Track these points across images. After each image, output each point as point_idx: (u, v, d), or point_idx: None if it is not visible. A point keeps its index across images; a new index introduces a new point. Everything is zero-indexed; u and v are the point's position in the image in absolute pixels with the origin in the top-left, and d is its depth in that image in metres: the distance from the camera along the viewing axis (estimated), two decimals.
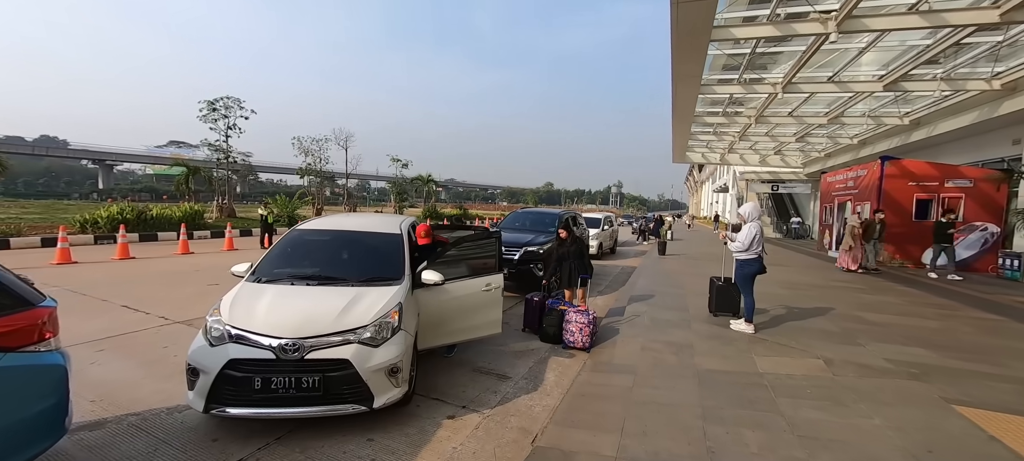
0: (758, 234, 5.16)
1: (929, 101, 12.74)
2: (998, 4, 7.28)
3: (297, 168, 30.65)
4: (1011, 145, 11.41)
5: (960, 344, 4.90)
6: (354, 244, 4.41)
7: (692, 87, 11.88)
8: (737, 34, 9.08)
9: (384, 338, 3.23)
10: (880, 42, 9.74)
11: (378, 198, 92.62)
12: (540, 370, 4.55)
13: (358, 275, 3.86)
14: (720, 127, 19.11)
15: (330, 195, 70.36)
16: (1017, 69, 9.76)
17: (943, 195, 12.17)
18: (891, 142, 15.53)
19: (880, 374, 3.96)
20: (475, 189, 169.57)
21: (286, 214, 23.98)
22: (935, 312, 6.52)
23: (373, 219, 5.18)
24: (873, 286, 8.89)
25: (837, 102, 14.19)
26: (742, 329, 5.25)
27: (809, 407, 3.37)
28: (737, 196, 32.79)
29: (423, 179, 41.13)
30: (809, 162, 24.20)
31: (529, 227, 10.00)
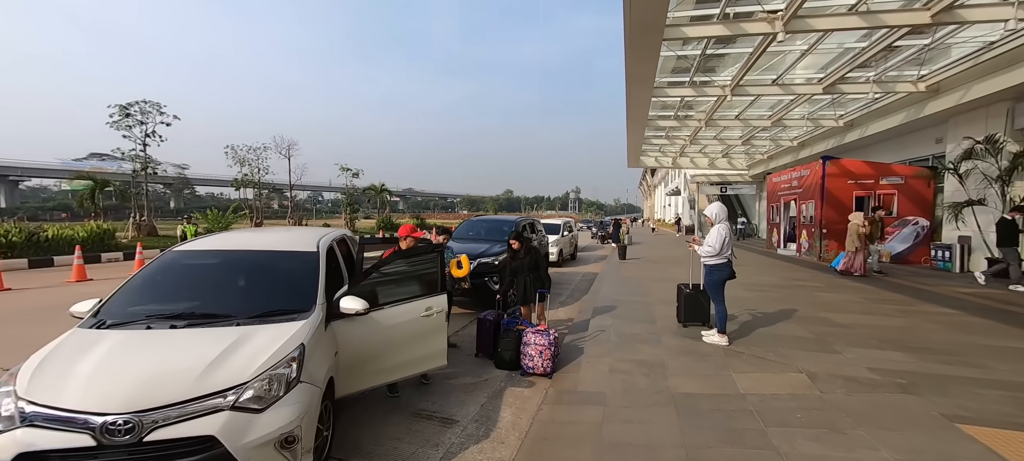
0: (727, 236, 4.75)
1: (862, 103, 13.42)
2: (929, 6, 7.54)
3: (231, 179, 27.99)
4: (935, 143, 12.18)
5: (932, 344, 4.72)
6: (252, 268, 3.47)
7: (645, 89, 11.75)
8: (688, 33, 8.92)
9: (274, 397, 2.37)
10: (819, 45, 9.99)
11: (331, 210, 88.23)
12: (494, 407, 3.82)
13: (249, 309, 2.95)
14: (672, 131, 19.42)
15: (277, 207, 66.01)
16: (940, 71, 10.35)
17: (878, 192, 12.83)
18: (827, 143, 16.34)
19: (869, 388, 3.59)
20: (434, 198, 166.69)
21: (220, 230, 21.78)
22: (895, 309, 6.48)
23: (284, 235, 4.24)
24: (829, 284, 8.96)
25: (779, 105, 14.69)
26: (715, 341, 4.81)
27: (805, 438, 2.88)
28: (689, 198, 33.92)
29: (376, 189, 39.28)
30: (753, 164, 25.32)
31: (484, 236, 9.28)
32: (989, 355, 4.34)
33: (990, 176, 9.67)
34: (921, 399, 3.35)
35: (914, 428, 2.93)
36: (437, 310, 3.74)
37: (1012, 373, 3.85)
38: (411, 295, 3.67)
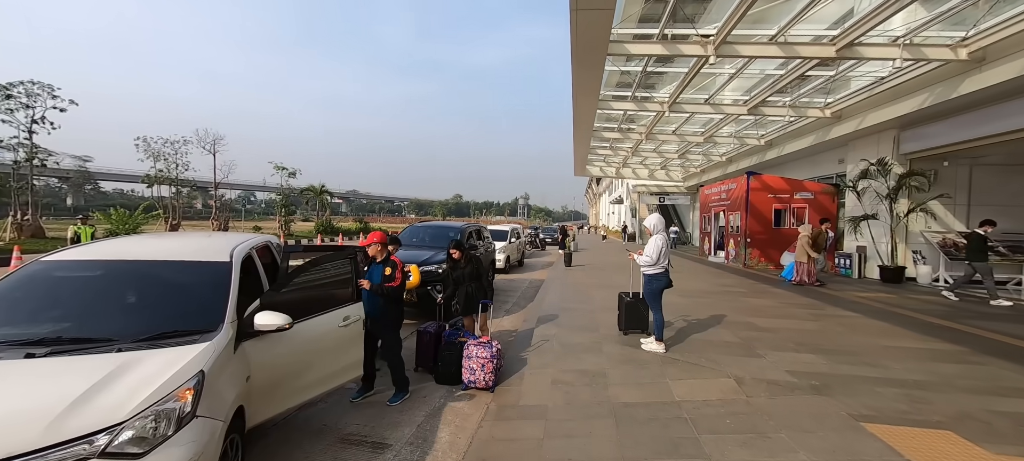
0: (665, 246, 4.92)
1: (779, 125, 14.83)
2: (834, 41, 8.46)
3: (142, 176, 24.82)
4: (837, 163, 13.73)
5: (839, 346, 5.19)
6: (146, 281, 2.98)
7: (591, 100, 12.10)
8: (631, 50, 9.31)
9: (161, 437, 2.01)
10: (745, 70, 10.88)
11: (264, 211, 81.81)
12: (431, 427, 3.61)
13: (137, 331, 2.51)
14: (615, 142, 20.25)
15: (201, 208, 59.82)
16: (842, 100, 11.69)
17: (793, 205, 14.21)
18: (751, 160, 17.88)
19: (788, 391, 3.83)
20: (380, 201, 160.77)
21: (125, 232, 19.23)
22: (807, 313, 7.11)
23: (194, 241, 3.74)
24: (752, 289, 9.69)
25: (710, 123, 15.83)
26: (653, 349, 4.94)
27: (734, 444, 2.98)
28: (630, 207, 35.56)
29: (315, 190, 37.02)
30: (688, 176, 27.10)
31: (428, 243, 8.97)
32: (886, 355, 4.85)
33: (881, 194, 11.04)
34: (832, 400, 3.63)
35: (826, 429, 3.15)
36: (354, 319, 3.59)
37: (905, 372, 4.31)
38: (329, 305, 3.43)
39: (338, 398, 4.12)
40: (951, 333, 5.85)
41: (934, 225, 11.23)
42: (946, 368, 4.45)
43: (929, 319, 6.70)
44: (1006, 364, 4.57)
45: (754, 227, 14.14)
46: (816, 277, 10.37)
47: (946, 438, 3.01)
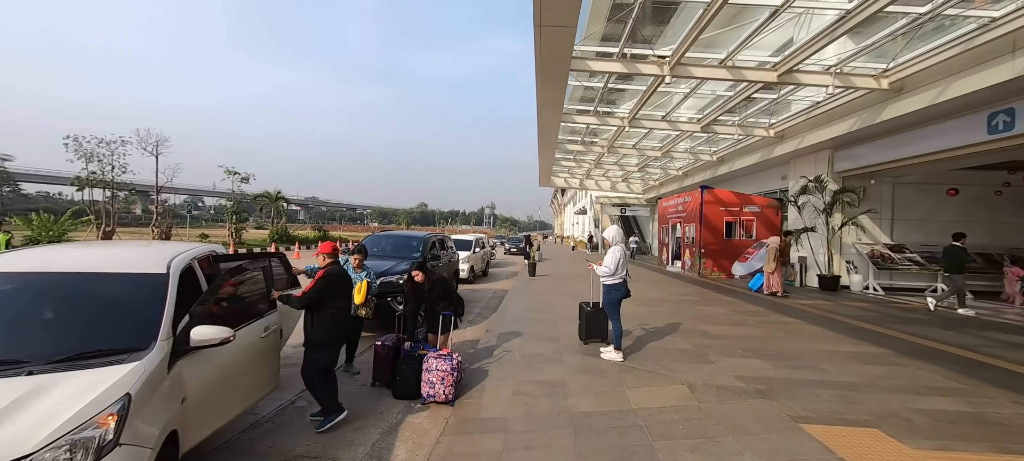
0: (622, 257, 5.07)
1: (729, 142, 15.77)
2: (776, 67, 9.15)
3: (73, 177, 22.59)
4: (781, 180, 14.75)
5: (782, 351, 5.53)
6: (67, 295, 2.72)
7: (555, 113, 12.38)
8: (592, 66, 9.63)
9: None
10: (698, 90, 11.53)
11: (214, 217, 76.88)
12: (387, 445, 3.49)
13: (54, 351, 2.28)
14: (579, 154, 20.79)
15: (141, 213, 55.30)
16: (784, 121, 12.62)
17: (743, 218, 15.10)
18: (705, 174, 18.86)
19: (736, 395, 4.02)
20: (341, 208, 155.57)
21: (49, 240, 17.41)
22: (754, 320, 7.53)
23: (124, 252, 3.45)
24: (705, 298, 10.15)
25: (668, 138, 16.60)
26: (612, 358, 5.05)
27: (685, 449, 3.09)
28: (594, 218, 36.44)
29: (270, 196, 35.25)
30: (648, 189, 28.18)
31: (389, 252, 8.75)
32: (823, 359, 5.21)
33: (818, 208, 11.96)
34: (775, 403, 3.85)
35: (770, 431, 3.33)
36: (273, 329, 3.64)
37: (840, 374, 4.65)
38: (251, 316, 3.43)
39: (288, 418, 3.91)
40: (878, 337, 6.39)
41: (864, 237, 12.29)
42: (873, 369, 4.84)
43: (860, 324, 7.29)
44: (924, 365, 5.04)
45: (707, 238, 14.88)
46: (782, 287, 10.52)
47: (873, 435, 3.27)
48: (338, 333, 3.88)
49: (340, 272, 3.97)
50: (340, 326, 3.89)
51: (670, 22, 10.69)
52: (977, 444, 3.15)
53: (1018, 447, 3.13)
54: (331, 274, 3.87)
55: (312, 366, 3.70)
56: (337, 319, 3.83)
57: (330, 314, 3.78)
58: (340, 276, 3.94)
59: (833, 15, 7.41)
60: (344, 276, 4.04)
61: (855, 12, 6.99)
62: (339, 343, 3.99)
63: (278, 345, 3.77)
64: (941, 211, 12.62)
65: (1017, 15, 6.47)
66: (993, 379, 4.57)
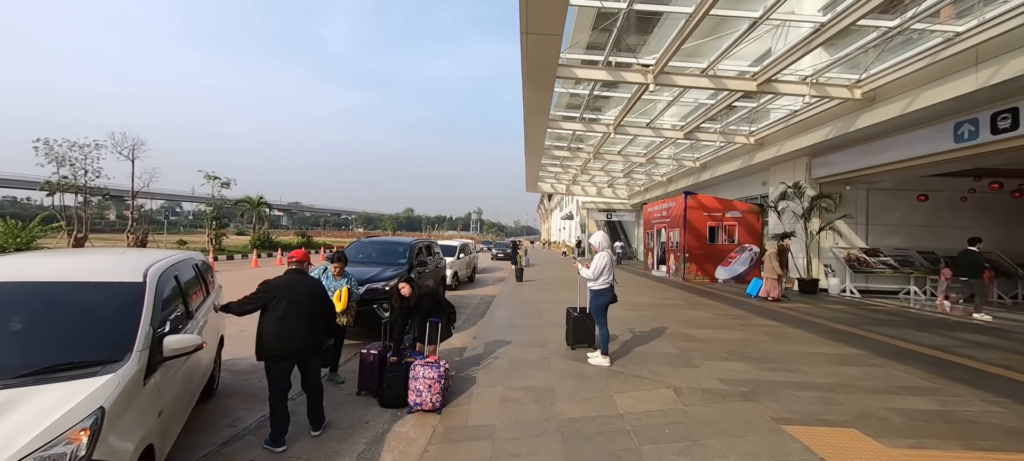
0: (608, 263, 5.12)
1: (711, 149, 16.11)
2: (755, 77, 9.42)
3: (42, 182, 21.69)
4: (761, 186, 15.13)
5: (764, 354, 5.64)
6: (36, 306, 2.62)
7: (541, 119, 12.47)
8: (578, 74, 9.76)
9: None
10: (681, 98, 11.78)
11: (193, 223, 74.76)
12: (373, 454, 3.44)
13: (23, 364, 2.19)
14: (565, 160, 20.95)
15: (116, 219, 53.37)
16: (763, 129, 12.97)
17: (725, 223, 15.41)
18: (689, 180, 19.21)
19: (720, 398, 4.09)
20: (326, 214, 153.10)
21: (16, 248, 16.67)
22: (737, 323, 7.68)
23: (98, 259, 3.35)
24: (690, 302, 10.30)
25: (652, 145, 16.88)
26: (599, 363, 5.08)
27: (672, 453, 3.13)
28: (580, 223, 36.70)
29: (251, 201, 34.51)
30: (633, 194, 28.55)
31: (375, 259, 8.66)
32: (802, 360, 5.34)
33: (797, 214, 12.30)
34: (758, 405, 3.92)
35: (753, 433, 3.39)
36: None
37: (819, 376, 4.77)
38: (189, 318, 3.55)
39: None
40: (855, 338, 6.58)
41: (841, 242, 12.66)
42: (851, 371, 4.98)
43: (838, 326, 7.49)
44: (899, 365, 5.21)
45: (691, 243, 15.14)
46: (780, 293, 10.23)
47: (851, 435, 3.36)
48: (264, 350, 3.43)
49: (283, 281, 3.60)
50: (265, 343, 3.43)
51: (653, 32, 10.93)
52: (950, 442, 3.27)
53: (987, 443, 3.26)
54: (269, 281, 3.59)
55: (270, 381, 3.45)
56: (263, 337, 3.44)
57: (262, 324, 3.48)
58: (280, 285, 3.56)
59: (809, 27, 7.68)
60: (288, 284, 3.60)
61: (829, 25, 7.26)
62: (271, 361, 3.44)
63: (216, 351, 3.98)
64: (913, 216, 13.11)
65: (980, 30, 6.81)
66: (963, 378, 4.75)
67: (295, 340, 3.47)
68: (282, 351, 3.44)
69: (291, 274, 3.71)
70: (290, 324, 3.45)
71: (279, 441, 3.41)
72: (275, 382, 3.42)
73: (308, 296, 3.61)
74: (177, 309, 3.28)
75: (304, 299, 3.57)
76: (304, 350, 3.54)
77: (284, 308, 3.46)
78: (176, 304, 3.30)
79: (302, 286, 3.63)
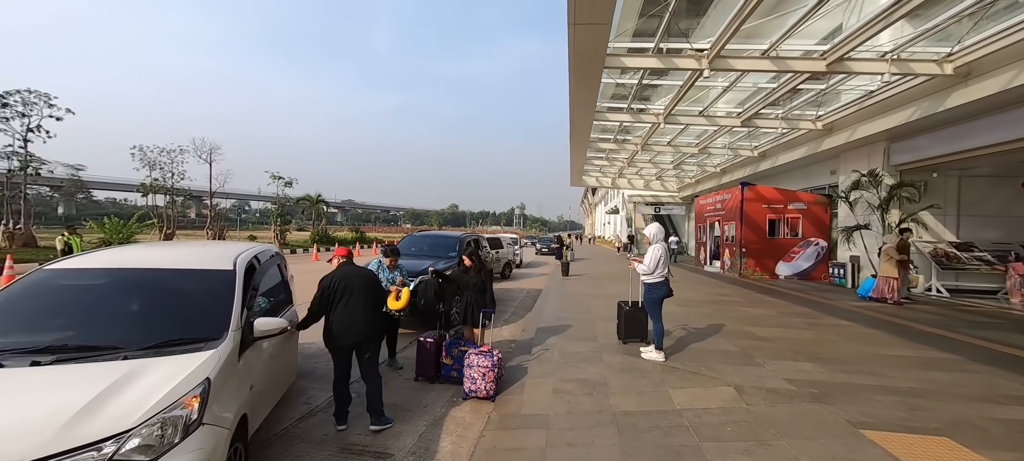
0: (663, 255, 4.98)
1: (772, 137, 15.08)
2: (825, 56, 8.68)
3: (138, 184, 24.68)
4: (830, 175, 13.95)
5: (837, 355, 5.25)
6: (150, 289, 2.99)
7: (587, 112, 12.27)
8: (626, 63, 9.49)
9: (168, 445, 2.01)
10: (738, 83, 11.10)
11: (259, 221, 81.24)
12: (433, 436, 3.59)
13: (143, 339, 2.52)
14: (611, 153, 20.48)
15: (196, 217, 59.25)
16: (833, 113, 11.94)
17: (787, 216, 14.39)
18: (745, 171, 18.11)
19: (787, 399, 3.87)
20: (376, 211, 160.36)
21: (119, 242, 19.02)
22: (803, 322, 7.18)
23: (194, 250, 3.75)
24: (748, 299, 9.76)
25: (705, 134, 16.08)
26: (653, 358, 4.97)
27: (736, 452, 3.01)
28: (626, 217, 35.77)
29: (311, 199, 36.86)
30: (683, 187, 27.38)
31: (427, 252, 8.97)
32: (882, 363, 4.91)
33: (873, 204, 11.22)
34: (831, 407, 3.67)
35: (827, 436, 3.18)
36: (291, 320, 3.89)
37: (902, 380, 4.37)
38: (278, 309, 3.80)
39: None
40: (945, 342, 5.93)
41: (925, 235, 11.40)
42: (941, 376, 4.51)
43: (923, 328, 6.79)
44: (1000, 372, 4.64)
45: (749, 237, 14.28)
46: (900, 294, 8.93)
47: (944, 444, 3.06)
48: (331, 339, 3.64)
49: (338, 275, 3.75)
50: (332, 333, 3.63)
51: (708, 13, 10.34)
52: None
53: None
54: (323, 283, 3.71)
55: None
56: (329, 327, 3.65)
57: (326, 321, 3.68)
58: (337, 279, 3.72)
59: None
60: (343, 277, 3.76)
61: None
62: (340, 347, 3.66)
63: (296, 336, 4.23)
64: (1015, 206, 11.54)
65: None
66: None
67: (356, 327, 3.67)
68: (343, 339, 3.65)
69: (344, 267, 3.91)
70: (351, 313, 3.67)
71: (342, 420, 3.68)
72: (337, 367, 3.69)
73: (364, 285, 3.78)
74: (261, 294, 3.61)
75: (360, 288, 3.74)
76: (365, 337, 3.72)
77: (344, 299, 3.69)
78: (260, 290, 3.62)
79: (357, 277, 3.82)
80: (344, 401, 3.68)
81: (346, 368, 3.70)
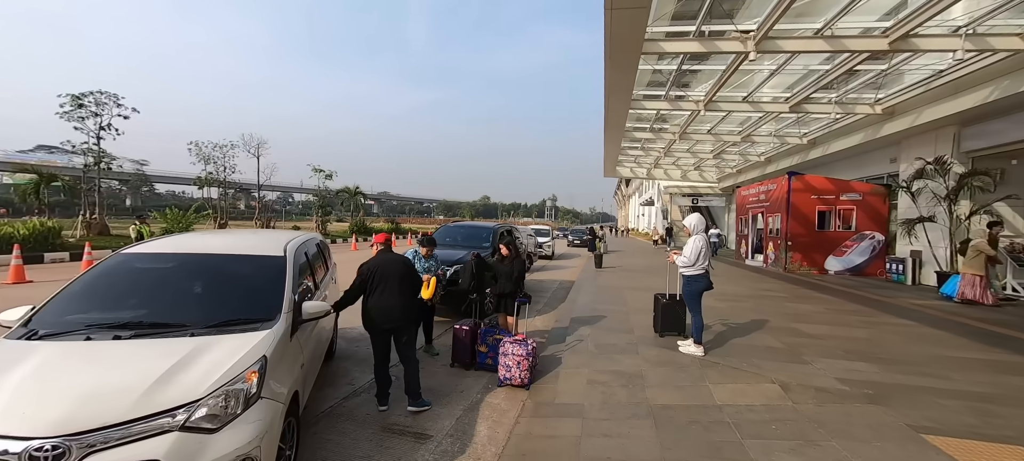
0: (704, 247, 4.81)
1: (823, 123, 14.11)
2: (887, 34, 8.00)
3: (194, 178, 26.56)
4: (889, 163, 12.92)
5: (893, 355, 4.91)
6: (211, 273, 3.22)
7: (623, 101, 11.95)
8: (665, 48, 9.14)
9: (231, 415, 2.17)
10: (786, 66, 10.43)
11: (301, 212, 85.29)
12: (470, 421, 3.68)
13: (206, 318, 2.72)
14: (647, 142, 19.88)
15: (245, 208, 63.08)
16: (895, 95, 11.01)
17: (839, 207, 13.49)
18: (792, 159, 17.09)
19: (839, 399, 3.66)
20: (410, 202, 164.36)
21: (179, 231, 20.57)
22: (857, 320, 6.75)
23: (249, 238, 4.00)
24: (794, 294, 9.27)
25: (748, 122, 15.27)
26: (692, 352, 4.84)
27: (781, 451, 2.89)
28: (662, 209, 34.75)
29: (350, 191, 38.26)
30: (723, 177, 26.21)
31: (461, 242, 9.12)
32: (948, 366, 4.54)
33: (939, 195, 10.31)
34: (889, 410, 3.44)
35: (884, 440, 2.99)
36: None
37: (970, 384, 4.03)
38: (315, 292, 3.96)
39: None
40: (1020, 344, 5.40)
41: (1002, 229, 10.36)
42: (1017, 381, 4.12)
43: (994, 329, 6.21)
44: None
45: (796, 229, 13.52)
46: (989, 295, 8.06)
47: (1019, 455, 2.80)
48: (370, 323, 3.77)
49: (376, 262, 3.88)
50: (371, 318, 3.76)
51: None
52: None
53: None
54: (362, 269, 3.85)
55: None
56: (368, 312, 3.77)
57: (365, 300, 3.81)
58: (375, 266, 3.85)
59: None
60: (381, 264, 3.88)
61: None
62: (378, 332, 3.80)
63: (335, 320, 4.58)
64: None
65: None
66: None
67: (393, 312, 3.79)
68: (382, 323, 3.78)
69: (382, 254, 4.04)
70: (388, 299, 3.79)
71: (383, 400, 3.83)
72: (377, 350, 3.83)
73: (400, 272, 3.90)
74: (307, 280, 3.81)
75: (396, 275, 3.86)
76: (401, 321, 3.83)
77: (381, 285, 3.81)
78: (307, 275, 3.82)
79: (394, 264, 3.93)
80: (385, 383, 3.83)
81: (385, 352, 3.84)
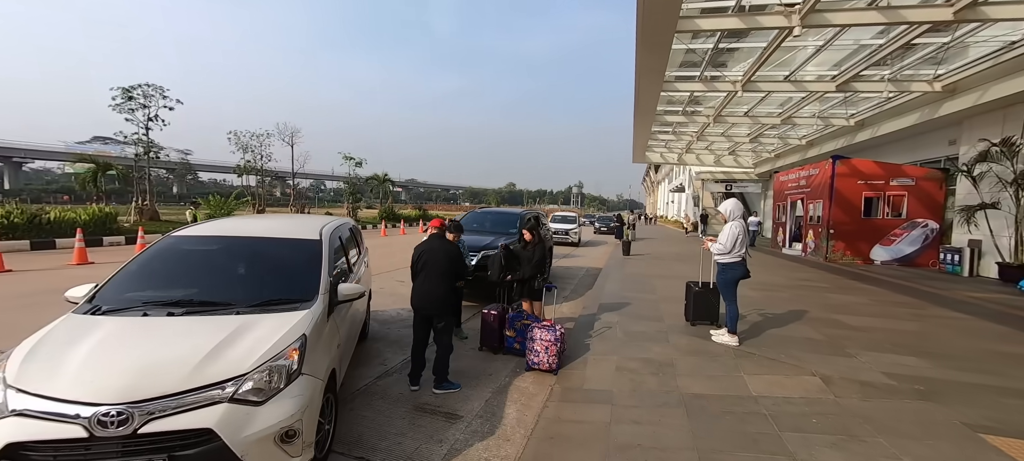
0: (741, 234, 4.63)
1: (874, 102, 13.19)
2: (952, 3, 7.32)
3: (233, 166, 27.89)
4: (948, 145, 11.96)
5: (947, 350, 4.61)
6: (254, 255, 3.37)
7: (655, 82, 11.54)
8: (702, 25, 8.73)
9: (275, 389, 2.28)
10: (834, 42, 9.75)
11: (333, 199, 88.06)
12: (498, 403, 3.73)
13: (250, 298, 2.85)
14: (679, 126, 19.20)
15: (280, 195, 65.72)
16: (957, 71, 10.12)
17: (888, 193, 12.65)
18: (837, 143, 16.12)
19: (886, 394, 3.48)
20: (437, 189, 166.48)
21: (221, 216, 21.72)
22: (907, 312, 6.36)
23: (287, 222, 4.15)
24: (837, 285, 8.83)
25: (789, 103, 14.47)
26: (726, 341, 4.70)
27: (823, 445, 2.78)
28: (693, 195, 33.68)
29: (379, 178, 39.08)
30: (760, 162, 25.07)
31: (489, 228, 9.16)
32: (1008, 363, 4.22)
33: (1005, 179, 9.48)
34: (941, 407, 3.24)
35: (936, 438, 2.82)
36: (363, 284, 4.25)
37: None
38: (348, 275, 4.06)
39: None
40: None
41: None
42: None
43: None
44: None
45: (839, 217, 12.79)
46: None
47: None
48: (414, 305, 3.94)
49: (426, 246, 4.02)
50: (414, 300, 3.92)
51: None
52: None
53: None
54: (419, 246, 4.04)
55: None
56: (413, 293, 3.94)
57: (413, 288, 3.97)
58: (425, 250, 4.00)
59: None
60: (429, 249, 4.01)
61: None
62: (419, 315, 3.94)
63: (367, 301, 4.81)
64: None
65: None
66: None
67: (433, 296, 3.89)
68: (422, 307, 3.91)
69: (433, 239, 4.17)
70: (430, 282, 3.91)
71: (415, 381, 3.95)
72: (416, 332, 3.95)
73: (444, 259, 3.99)
74: (342, 263, 3.93)
75: (441, 261, 3.96)
76: (437, 310, 3.91)
77: (425, 272, 3.95)
78: (341, 258, 3.94)
79: (440, 251, 4.02)
80: (419, 365, 3.95)
81: (423, 336, 3.95)
